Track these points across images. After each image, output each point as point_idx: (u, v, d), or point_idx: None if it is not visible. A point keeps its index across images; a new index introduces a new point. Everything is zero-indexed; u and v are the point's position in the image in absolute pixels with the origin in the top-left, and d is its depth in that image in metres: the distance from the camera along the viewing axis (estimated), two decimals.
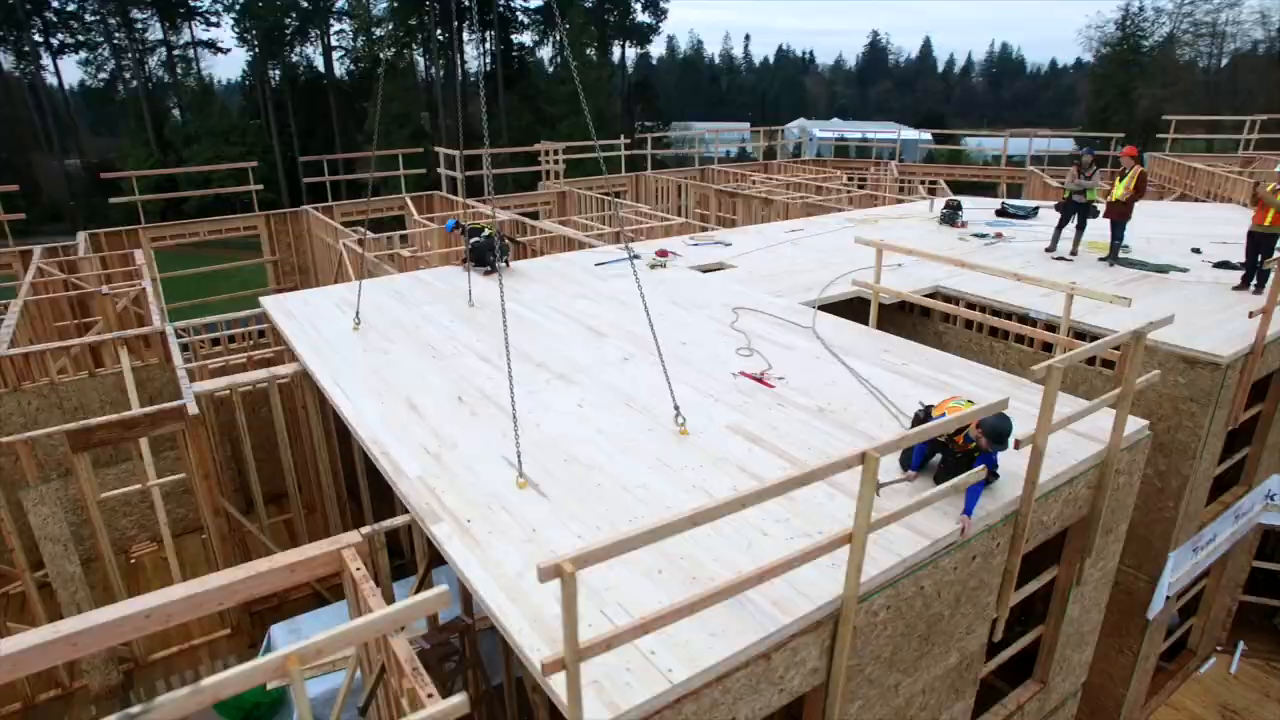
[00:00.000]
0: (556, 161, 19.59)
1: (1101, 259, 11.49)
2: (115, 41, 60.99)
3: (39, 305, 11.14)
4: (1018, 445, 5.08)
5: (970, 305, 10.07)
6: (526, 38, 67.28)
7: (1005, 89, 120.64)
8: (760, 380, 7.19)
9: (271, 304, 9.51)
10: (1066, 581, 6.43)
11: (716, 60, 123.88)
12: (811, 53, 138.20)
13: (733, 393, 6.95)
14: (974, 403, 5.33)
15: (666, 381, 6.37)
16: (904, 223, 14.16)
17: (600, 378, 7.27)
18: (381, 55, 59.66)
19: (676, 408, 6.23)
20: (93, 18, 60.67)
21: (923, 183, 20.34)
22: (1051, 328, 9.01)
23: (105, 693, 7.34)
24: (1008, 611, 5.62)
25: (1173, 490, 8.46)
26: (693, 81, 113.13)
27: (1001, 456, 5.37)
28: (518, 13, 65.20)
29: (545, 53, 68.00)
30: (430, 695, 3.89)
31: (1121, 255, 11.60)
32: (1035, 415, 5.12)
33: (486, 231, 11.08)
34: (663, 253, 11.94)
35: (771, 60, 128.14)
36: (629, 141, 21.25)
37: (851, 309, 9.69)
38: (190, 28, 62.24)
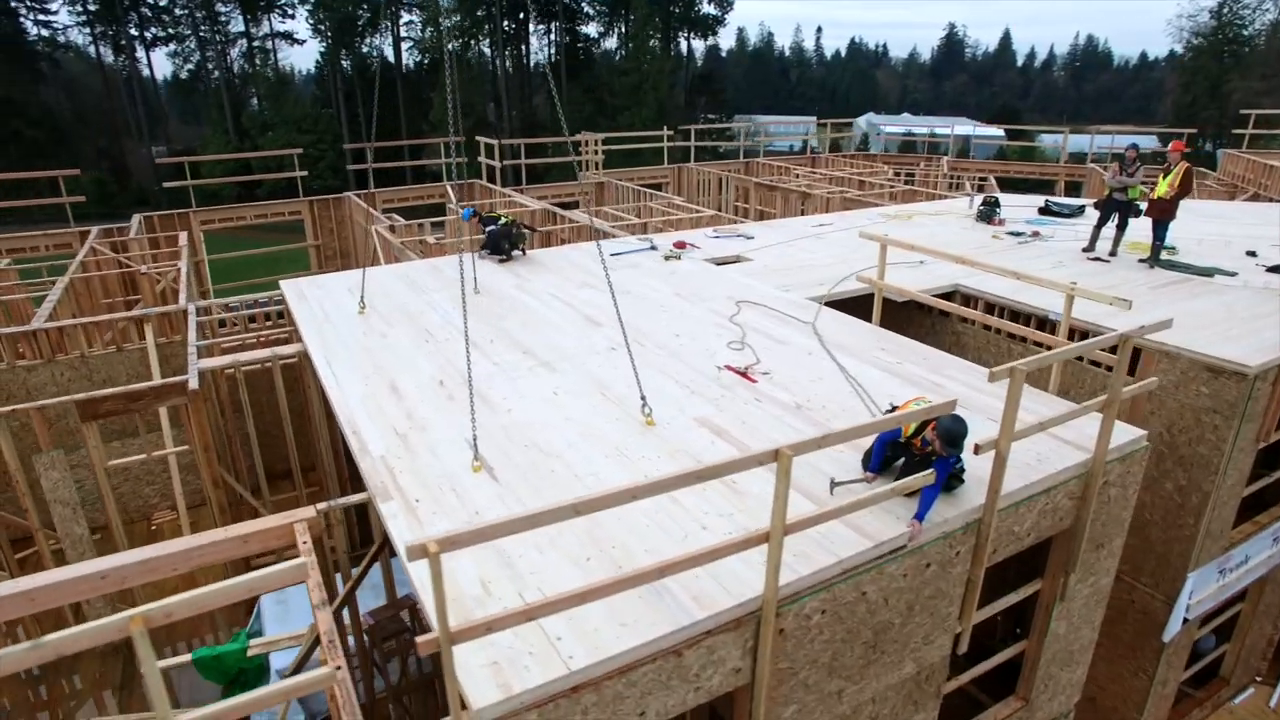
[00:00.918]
0: (596, 152, 19.64)
1: (1141, 260, 10.90)
2: (201, 34, 63.87)
3: (87, 282, 11.78)
4: (977, 450, 4.86)
5: (989, 306, 9.70)
6: (591, 29, 67.53)
7: (1089, 83, 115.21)
8: (743, 374, 7.07)
9: (288, 286, 9.82)
10: (1050, 596, 6.14)
11: (787, 53, 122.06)
12: (885, 46, 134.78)
13: (713, 386, 6.86)
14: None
15: (634, 371, 6.32)
16: (939, 219, 13.70)
17: (583, 366, 7.27)
18: (448, 46, 60.84)
19: (643, 398, 6.18)
20: (182, 11, 63.66)
21: (972, 179, 19.62)
22: (1071, 330, 8.63)
23: (110, 650, 7.74)
24: (971, 624, 5.40)
25: (1193, 507, 7.98)
26: (762, 74, 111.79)
27: (973, 461, 5.18)
28: (583, 3, 65.47)
29: (610, 44, 68.23)
30: (339, 668, 3.99)
31: (1166, 257, 10.98)
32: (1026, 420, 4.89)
33: (503, 220, 11.20)
34: (680, 244, 11.86)
35: (843, 53, 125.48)
36: (672, 133, 21.13)
37: (865, 306, 9.43)
38: (269, 20, 64.64)
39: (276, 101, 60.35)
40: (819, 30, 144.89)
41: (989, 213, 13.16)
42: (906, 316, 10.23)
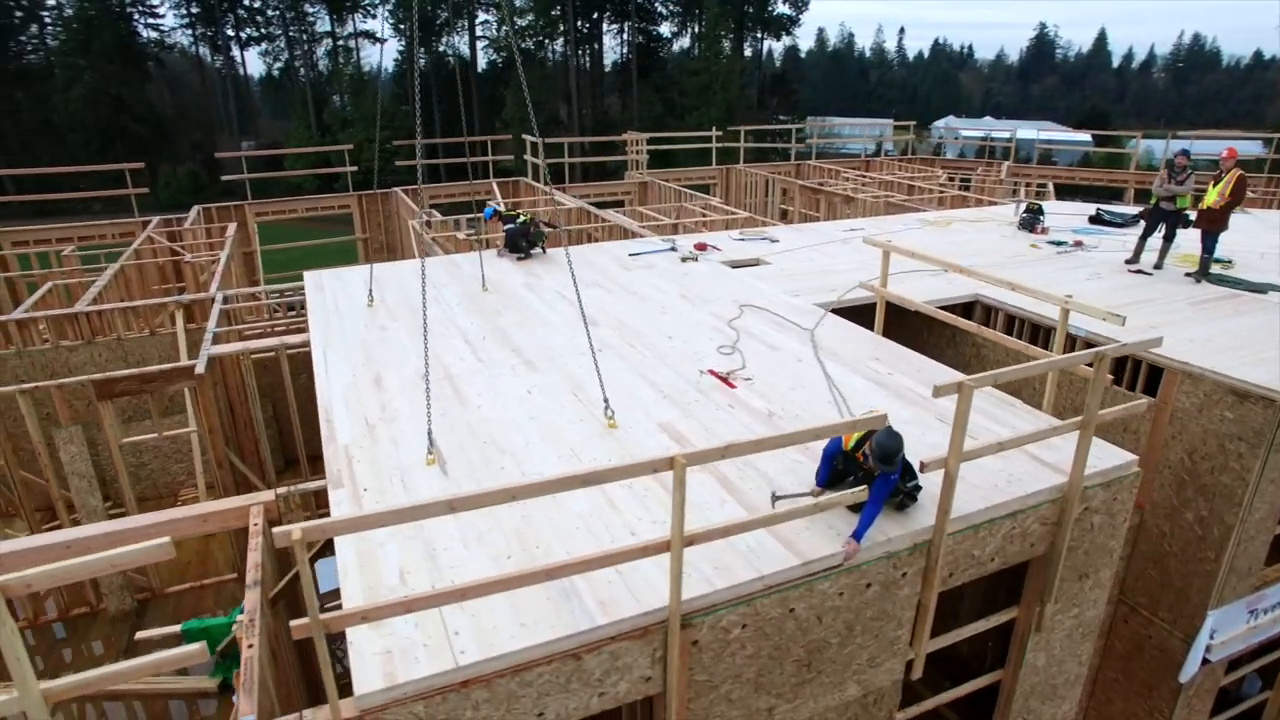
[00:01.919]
0: (639, 152, 19.65)
1: (1188, 274, 10.23)
2: (290, 34, 66.82)
3: (140, 269, 12.48)
4: (923, 468, 4.66)
5: (1010, 319, 9.29)
6: (665, 28, 67.62)
7: (1192, 85, 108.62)
8: (724, 380, 6.96)
9: (310, 278, 10.18)
10: (1025, 625, 5.83)
11: (867, 54, 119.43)
12: (970, 47, 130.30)
13: (689, 391, 6.78)
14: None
15: (597, 373, 6.30)
16: (979, 226, 13.17)
17: (565, 366, 7.28)
18: (518, 45, 61.71)
19: (606, 400, 6.16)
20: (273, 11, 66.77)
21: (1031, 186, 18.76)
22: (1091, 345, 8.18)
23: (120, 615, 8.18)
24: (925, 650, 5.18)
25: (1214, 540, 7.46)
26: (840, 75, 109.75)
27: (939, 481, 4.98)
28: (656, 3, 65.58)
29: (683, 43, 68.18)
30: (250, 646, 4.12)
31: (1217, 271, 10.28)
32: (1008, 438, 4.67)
33: (521, 219, 11.33)
34: (701, 246, 11.75)
35: (926, 54, 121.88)
36: (720, 134, 20.95)
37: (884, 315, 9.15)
38: (353, 20, 67.08)
39: (357, 98, 62.59)
40: (901, 31, 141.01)
41: (1031, 220, 12.58)
42: (927, 326, 9.87)
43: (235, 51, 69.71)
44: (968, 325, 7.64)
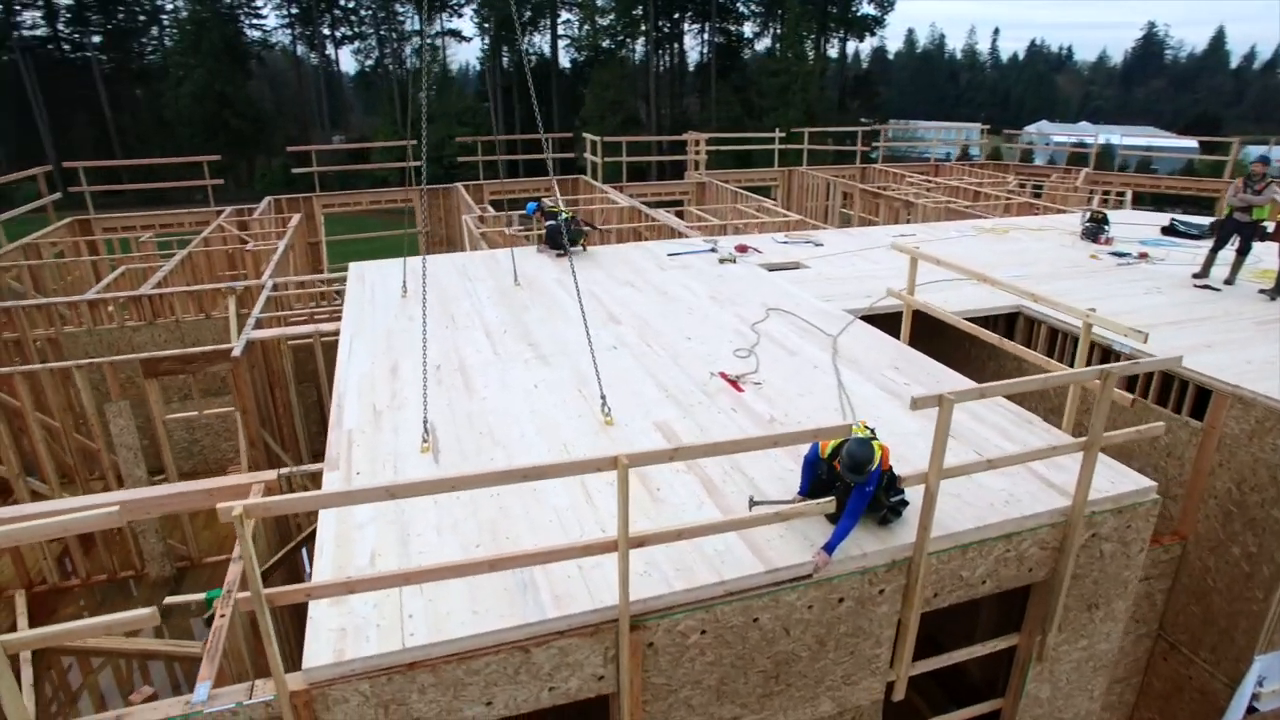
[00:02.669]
0: (699, 152, 19.56)
1: (1262, 291, 9.52)
2: (380, 32, 69.33)
3: (209, 256, 13.20)
4: (899, 485, 4.50)
5: (1052, 332, 8.85)
6: (746, 29, 67.08)
7: None
8: (732, 383, 6.88)
9: (355, 269, 10.56)
10: (1026, 654, 5.56)
11: (958, 55, 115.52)
12: (1069, 48, 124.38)
13: (695, 392, 6.73)
14: (867, 430, 4.81)
15: (595, 371, 6.32)
16: (1039, 235, 12.58)
17: (577, 362, 7.32)
18: (601, 44, 62.44)
19: (603, 397, 6.17)
20: (366, 11, 69.43)
21: (1106, 194, 17.77)
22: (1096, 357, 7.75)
23: (160, 581, 8.68)
24: (906, 671, 5.00)
25: (1263, 579, 6.93)
26: (928, 77, 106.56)
27: (942, 495, 4.81)
28: (738, 3, 65.09)
29: (764, 44, 67.49)
30: (223, 616, 4.32)
31: None
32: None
33: (563, 216, 11.45)
34: (742, 248, 11.63)
35: (1021, 56, 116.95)
36: (783, 135, 20.65)
37: (914, 322, 8.87)
38: (440, 19, 69.03)
39: (441, 95, 64.39)
40: (995, 31, 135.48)
41: (1095, 230, 11.94)
42: (969, 338, 9.51)
43: (330, 50, 72.93)
44: (989, 336, 7.32)
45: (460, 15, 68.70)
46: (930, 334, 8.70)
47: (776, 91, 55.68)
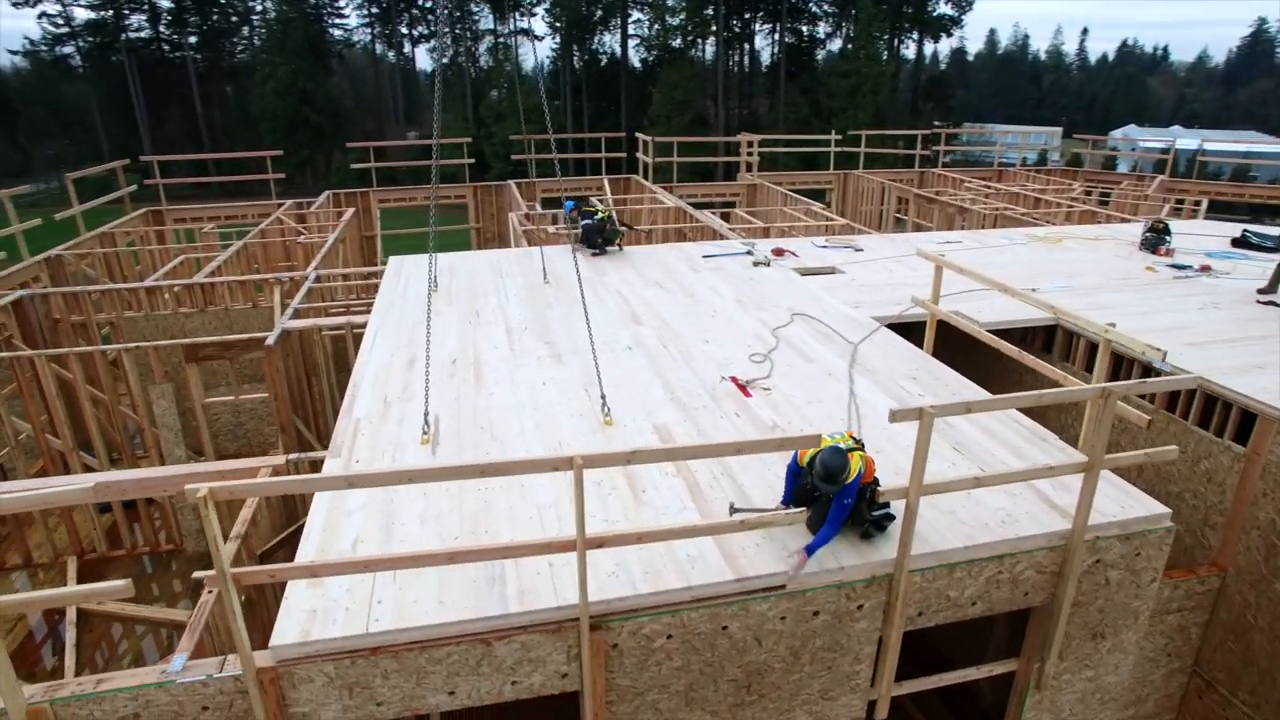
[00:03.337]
0: (751, 154, 19.38)
1: None
2: (456, 31, 70.94)
3: (265, 247, 13.78)
4: (877, 499, 4.39)
5: (1091, 346, 8.46)
6: (819, 29, 66.11)
7: None
8: (742, 388, 6.82)
9: (394, 262, 10.87)
10: (1024, 680, 5.35)
11: (1042, 56, 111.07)
12: (1165, 48, 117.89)
13: (702, 396, 6.69)
14: (856, 441, 4.71)
15: (597, 376, 6.35)
16: (1094, 244, 12.03)
17: (589, 362, 7.34)
18: (670, 43, 62.42)
19: (603, 397, 6.20)
20: (442, 10, 71.13)
21: (1180, 202, 16.81)
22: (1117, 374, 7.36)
23: (196, 556, 9.11)
24: (889, 689, 4.87)
25: None
26: (1008, 79, 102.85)
27: (934, 511, 4.74)
28: (810, 3, 64.18)
29: (835, 45, 66.39)
30: (209, 591, 4.51)
31: None
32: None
33: (599, 215, 11.53)
34: (779, 251, 11.49)
35: (1111, 56, 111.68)
36: (840, 137, 20.28)
37: (944, 333, 8.63)
38: (513, 18, 70.26)
39: (511, 93, 65.48)
40: (1084, 32, 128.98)
41: (1155, 240, 11.35)
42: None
43: (407, 48, 75.15)
44: (1007, 349, 7.03)
45: (534, 15, 69.76)
46: (966, 345, 8.43)
47: (846, 93, 54.70)
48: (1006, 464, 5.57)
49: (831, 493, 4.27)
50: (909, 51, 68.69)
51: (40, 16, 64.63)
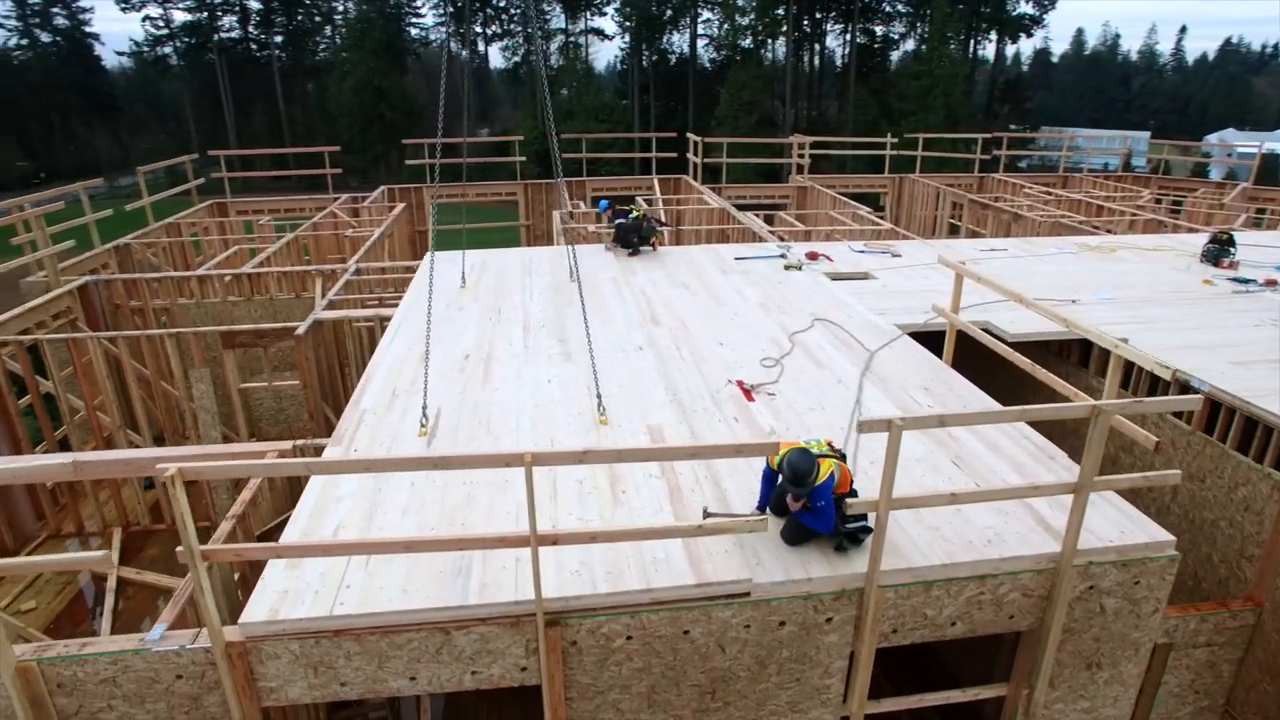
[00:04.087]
0: (802, 156, 19.10)
1: None
2: (527, 31, 72.04)
3: (316, 239, 14.31)
4: (848, 512, 4.30)
5: (1129, 364, 8.06)
6: (890, 29, 64.62)
7: None
8: (746, 392, 6.76)
9: (429, 258, 11.13)
10: (1012, 706, 5.15)
11: (1134, 57, 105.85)
12: (1276, 46, 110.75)
13: (704, 398, 6.66)
14: (835, 449, 4.63)
15: (594, 375, 6.38)
16: (1151, 255, 11.43)
17: (598, 361, 7.39)
18: (739, 43, 61.99)
19: (599, 397, 6.24)
20: (515, 10, 72.44)
21: (1261, 211, 15.78)
22: (1216, 403, 6.97)
23: None
24: (861, 707, 4.77)
25: None
26: (1095, 81, 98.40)
27: (918, 527, 4.66)
28: (884, 3, 62.78)
29: (909, 45, 64.80)
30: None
31: None
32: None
33: (634, 214, 11.56)
34: (813, 255, 11.32)
35: (1211, 56, 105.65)
36: (895, 140, 19.79)
37: (972, 343, 8.36)
38: (585, 17, 70.94)
39: (582, 92, 66.20)
40: (1182, 30, 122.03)
41: (1217, 253, 10.72)
42: (1042, 362, 8.85)
43: (481, 46, 76.74)
44: (1022, 361, 6.76)
45: (603, 14, 70.31)
46: (997, 356, 8.14)
47: (917, 95, 53.33)
48: (1005, 481, 5.39)
49: (799, 495, 4.22)
50: (987, 52, 66.56)
51: (144, 20, 68.67)
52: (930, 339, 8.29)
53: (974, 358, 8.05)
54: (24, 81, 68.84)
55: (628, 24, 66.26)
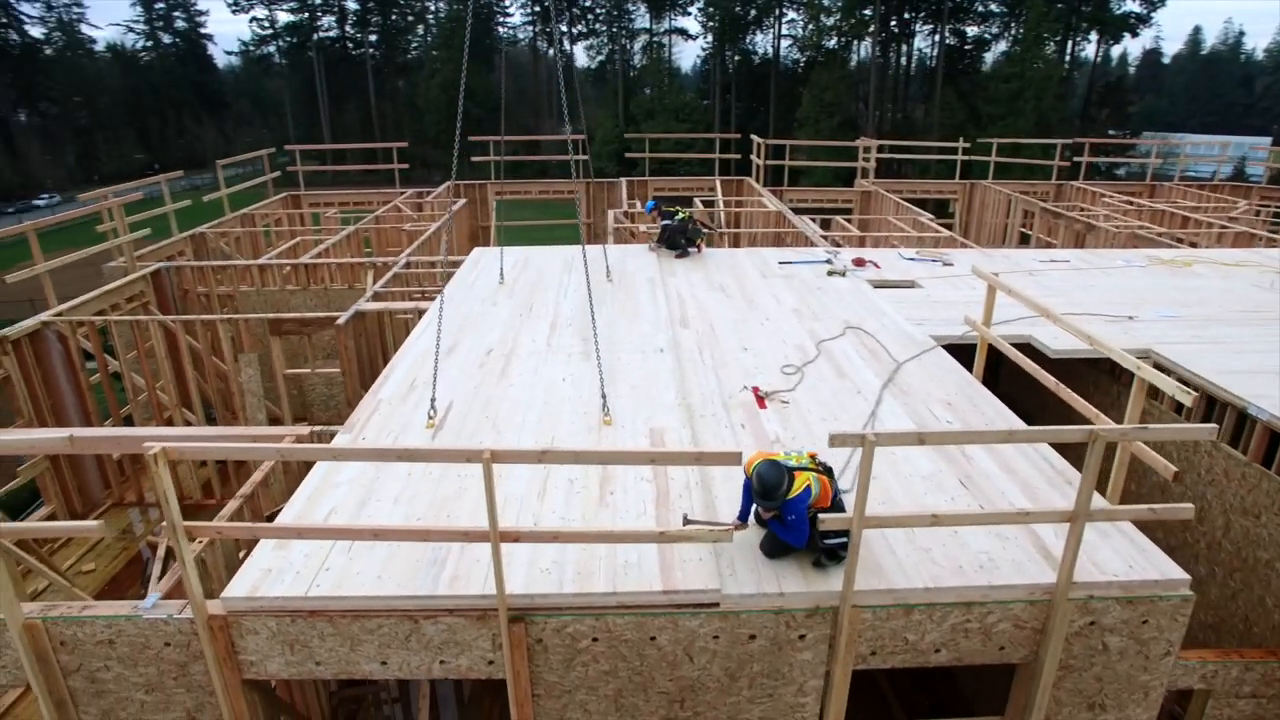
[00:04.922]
0: (868, 159, 18.60)
1: None
2: (612, 30, 72.76)
3: (378, 232, 14.82)
4: (822, 527, 4.17)
5: (1184, 383, 7.54)
6: (982, 30, 62.26)
7: None
8: (759, 399, 6.65)
9: (476, 253, 11.39)
10: None
11: (1259, 56, 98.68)
12: None
13: (714, 404, 6.59)
14: (817, 460, 4.52)
15: (600, 377, 6.40)
16: (1231, 270, 10.65)
17: (616, 361, 7.43)
18: (824, 44, 60.84)
19: (604, 397, 6.25)
20: (600, 10, 73.21)
21: None
22: (1276, 432, 6.46)
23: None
24: None
25: None
26: (1210, 83, 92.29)
27: (908, 547, 4.54)
28: (976, 3, 60.51)
29: (1002, 46, 62.25)
30: (196, 541, 4.98)
31: None
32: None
33: (680, 216, 11.52)
34: (859, 262, 11.03)
35: None
36: (968, 145, 19.04)
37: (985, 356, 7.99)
38: (669, 17, 71.04)
39: (664, 91, 66.38)
40: None
41: None
42: (1093, 380, 8.44)
43: (566, 45, 77.88)
44: (1045, 379, 6.37)
45: (687, 14, 70.26)
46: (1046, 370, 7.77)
47: (1007, 98, 51.16)
48: (1013, 504, 5.13)
49: (769, 508, 4.13)
50: (1088, 53, 63.31)
51: (251, 20, 72.69)
52: (966, 352, 7.97)
53: (1020, 373, 7.68)
54: (148, 81, 73.94)
55: (711, 24, 66.01)
